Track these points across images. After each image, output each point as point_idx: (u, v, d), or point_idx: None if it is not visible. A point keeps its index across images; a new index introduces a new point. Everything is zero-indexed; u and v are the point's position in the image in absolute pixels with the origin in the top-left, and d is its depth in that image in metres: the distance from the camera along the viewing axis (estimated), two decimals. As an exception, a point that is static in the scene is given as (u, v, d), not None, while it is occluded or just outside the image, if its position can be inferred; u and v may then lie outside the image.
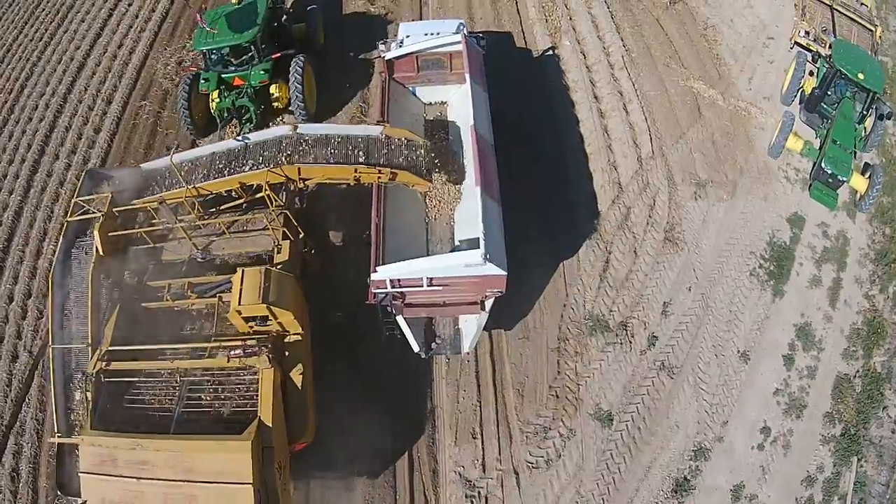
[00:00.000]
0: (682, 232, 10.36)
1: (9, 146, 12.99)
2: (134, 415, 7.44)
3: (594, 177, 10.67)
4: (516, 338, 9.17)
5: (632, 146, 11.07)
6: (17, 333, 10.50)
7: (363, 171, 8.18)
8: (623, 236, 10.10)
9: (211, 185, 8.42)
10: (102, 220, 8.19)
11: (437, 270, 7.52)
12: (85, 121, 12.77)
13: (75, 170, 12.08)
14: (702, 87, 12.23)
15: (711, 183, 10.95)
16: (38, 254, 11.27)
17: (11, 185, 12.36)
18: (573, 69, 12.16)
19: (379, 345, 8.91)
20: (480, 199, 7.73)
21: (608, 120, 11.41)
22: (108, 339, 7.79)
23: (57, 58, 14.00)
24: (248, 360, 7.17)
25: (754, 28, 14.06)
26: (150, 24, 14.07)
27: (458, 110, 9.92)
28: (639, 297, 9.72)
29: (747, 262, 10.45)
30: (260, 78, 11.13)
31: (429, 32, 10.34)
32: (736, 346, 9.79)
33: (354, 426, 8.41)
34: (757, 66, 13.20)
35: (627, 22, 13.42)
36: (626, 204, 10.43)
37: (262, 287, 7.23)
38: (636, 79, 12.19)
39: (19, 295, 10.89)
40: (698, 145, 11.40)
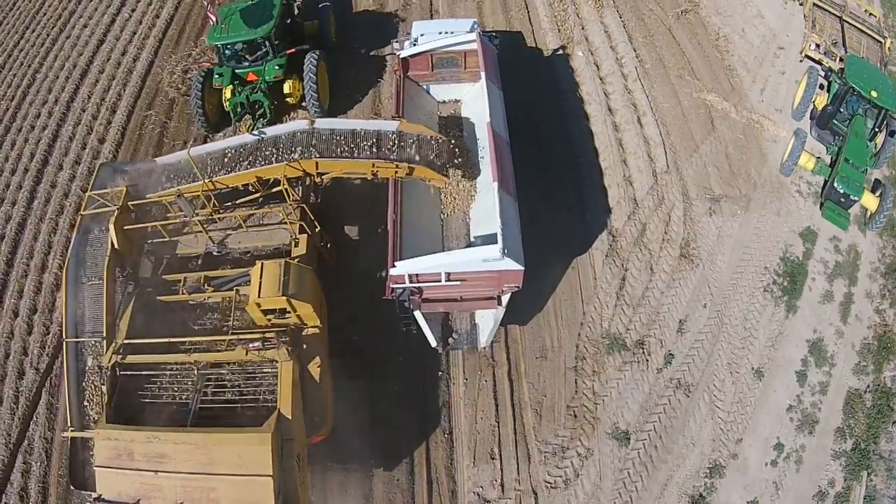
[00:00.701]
0: (697, 248, 10.33)
1: (11, 155, 12.73)
2: (149, 408, 7.41)
3: (609, 192, 10.61)
4: (534, 357, 9.13)
5: (647, 160, 11.01)
6: (23, 350, 10.32)
7: (380, 166, 8.24)
8: (639, 253, 10.06)
9: (228, 178, 8.47)
10: (118, 214, 8.17)
11: (455, 265, 7.58)
12: (89, 130, 12.51)
13: (80, 181, 11.84)
14: (715, 100, 12.18)
15: (726, 198, 10.92)
16: (44, 268, 11.07)
17: (14, 196, 12.12)
18: (587, 80, 12.05)
19: (395, 366, 8.87)
20: (497, 195, 7.77)
21: (623, 133, 11.33)
22: (122, 332, 7.81)
23: (59, 64, 13.69)
24: (268, 352, 7.18)
25: (765, 38, 14.00)
26: (155, 31, 13.77)
27: (472, 108, 10.01)
28: (655, 315, 9.70)
29: (761, 277, 10.46)
30: (274, 73, 11.14)
31: (443, 31, 10.42)
32: (750, 362, 9.82)
33: (371, 448, 8.40)
34: (768, 77, 13.16)
35: (639, 32, 13.31)
36: (642, 220, 10.39)
37: (281, 280, 7.24)
38: (649, 91, 12.11)
39: (24, 310, 10.69)
40: (712, 159, 11.36)
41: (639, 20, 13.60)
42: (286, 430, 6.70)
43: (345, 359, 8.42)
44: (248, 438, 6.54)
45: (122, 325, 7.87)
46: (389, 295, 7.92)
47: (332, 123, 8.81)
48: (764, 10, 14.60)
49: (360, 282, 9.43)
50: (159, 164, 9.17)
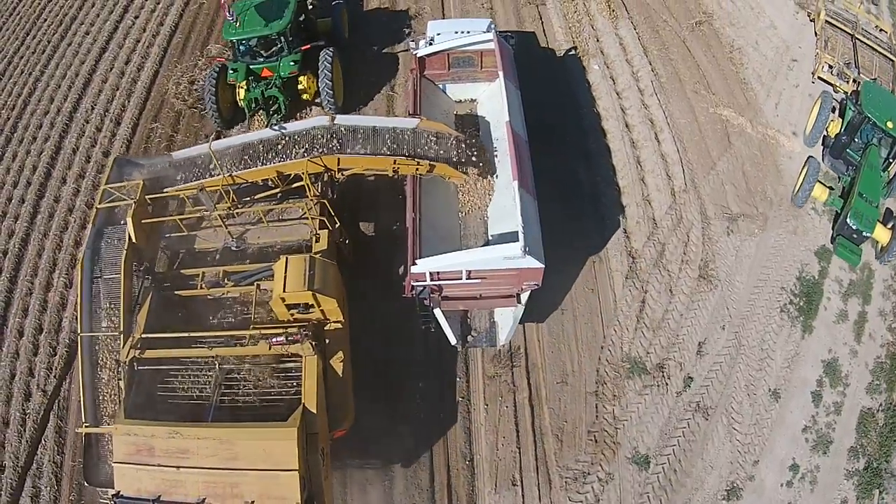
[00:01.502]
0: (715, 269, 10.28)
1: (13, 167, 12.35)
2: (167, 403, 7.33)
3: (628, 211, 10.51)
4: (555, 382, 9.06)
5: (665, 178, 10.91)
6: (30, 370, 10.09)
7: (402, 163, 8.28)
8: (658, 275, 9.99)
9: (249, 173, 8.41)
10: (135, 208, 8.07)
11: (476, 263, 7.60)
12: (93, 142, 12.16)
13: (84, 196, 11.53)
14: (731, 115, 12.08)
15: (743, 217, 10.86)
16: (48, 286, 10.80)
17: (17, 210, 11.80)
18: (604, 95, 11.91)
19: (417, 393, 8.77)
20: (518, 194, 7.80)
21: (640, 150, 11.22)
22: (140, 326, 7.74)
23: (61, 72, 13.29)
24: (291, 347, 7.14)
25: (778, 50, 13.91)
26: (159, 39, 13.37)
27: (489, 107, 10.05)
28: (674, 338, 9.66)
29: (778, 298, 10.44)
30: (290, 69, 11.09)
31: (459, 31, 10.42)
32: (767, 384, 9.82)
33: (391, 475, 8.32)
34: (783, 90, 13.08)
35: (654, 44, 13.15)
36: (661, 240, 10.30)
37: (306, 274, 7.21)
38: (666, 106, 11.98)
39: (30, 329, 10.44)
40: (729, 176, 11.29)
41: (653, 32, 13.43)
42: (311, 424, 6.70)
43: (364, 380, 8.27)
44: (274, 433, 6.51)
45: (140, 320, 7.80)
46: (409, 293, 7.91)
47: (353, 120, 8.84)
48: (776, 20, 14.50)
49: (379, 280, 9.36)
50: (175, 158, 9.09)
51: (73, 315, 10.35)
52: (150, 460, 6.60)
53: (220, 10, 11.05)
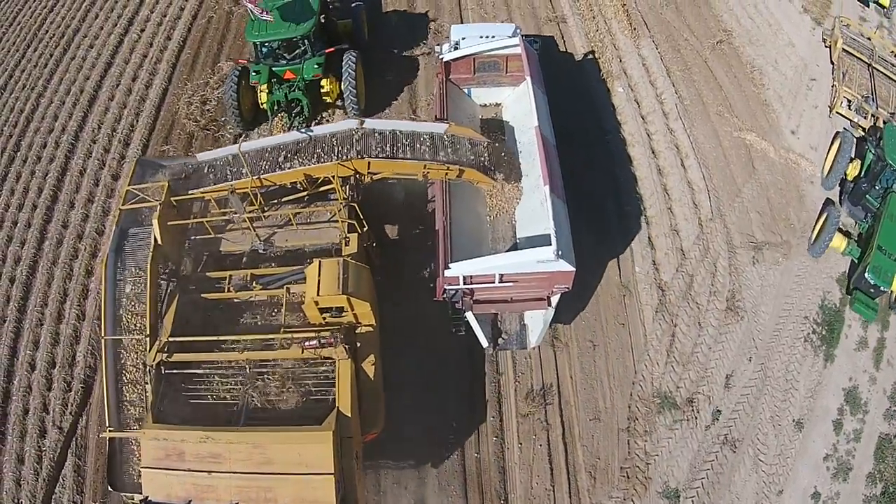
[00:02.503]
0: (742, 300, 10.28)
1: (17, 188, 11.83)
2: (195, 407, 7.26)
3: (656, 243, 10.42)
4: (587, 419, 9.01)
5: (692, 207, 10.83)
6: (44, 406, 9.77)
7: (432, 168, 8.31)
8: (687, 307, 9.96)
9: (278, 176, 8.35)
10: (161, 210, 7.95)
11: (509, 267, 7.67)
12: (101, 164, 11.69)
13: (94, 222, 11.10)
14: (754, 139, 12.01)
15: (768, 245, 10.85)
16: (60, 317, 10.42)
17: (23, 235, 11.33)
18: (629, 120, 11.75)
19: (450, 432, 8.68)
20: (550, 199, 7.91)
21: (667, 178, 11.11)
22: (167, 329, 7.63)
23: (65, 88, 12.70)
24: (324, 351, 7.11)
25: (797, 69, 13.84)
26: (167, 55, 12.80)
27: (513, 111, 10.09)
28: (703, 372, 9.66)
29: (802, 327, 10.49)
30: (313, 72, 11.04)
31: (484, 35, 10.47)
32: (791, 414, 9.90)
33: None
34: (803, 111, 13.03)
35: (676, 64, 12.99)
36: (689, 272, 10.25)
37: (340, 278, 7.16)
38: (690, 130, 11.86)
39: (42, 363, 10.09)
40: (754, 203, 11.25)
41: (675, 51, 13.26)
42: (345, 427, 6.67)
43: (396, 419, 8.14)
44: (310, 437, 6.48)
45: (167, 323, 7.70)
46: (440, 296, 7.97)
47: (382, 124, 8.78)
48: (794, 37, 14.43)
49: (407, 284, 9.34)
50: (200, 160, 8.98)
51: (87, 349, 10.05)
52: (180, 465, 6.55)
53: (248, 10, 10.65)
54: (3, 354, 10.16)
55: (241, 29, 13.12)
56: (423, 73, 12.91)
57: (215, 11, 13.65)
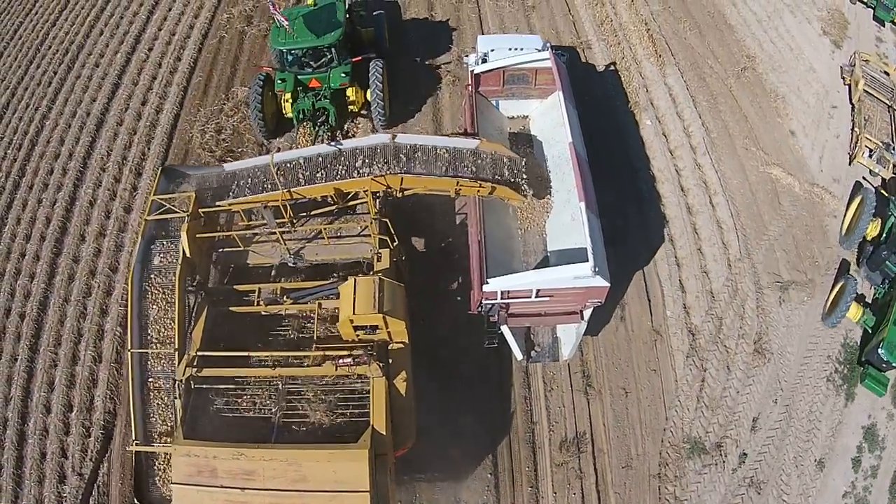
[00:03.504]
0: (769, 341, 10.30)
1: (24, 217, 11.30)
2: (226, 422, 7.22)
3: (687, 285, 10.36)
4: (620, 467, 9.03)
5: (721, 247, 10.76)
6: (62, 451, 9.51)
7: (464, 184, 8.32)
8: (717, 351, 9.95)
9: (309, 189, 8.27)
10: (189, 221, 7.83)
11: (547, 282, 7.81)
12: (112, 195, 11.20)
13: (107, 258, 10.66)
14: (780, 174, 11.93)
15: (794, 284, 10.86)
16: (75, 359, 10.08)
17: (32, 268, 10.89)
18: (658, 155, 11.58)
19: (487, 484, 8.62)
20: (585, 215, 8.02)
21: (696, 217, 11.00)
22: (196, 343, 7.57)
23: (70, 109, 12.08)
24: (358, 368, 7.11)
25: (818, 96, 13.75)
26: (178, 77, 12.19)
27: (542, 124, 10.22)
28: (731, 415, 9.70)
29: (825, 367, 10.57)
30: (340, 80, 10.90)
31: (512, 47, 10.49)
32: (813, 454, 10.02)
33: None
34: (826, 142, 12.98)
35: (702, 94, 12.81)
36: (718, 315, 10.23)
37: (376, 296, 7.14)
38: (718, 165, 11.74)
39: (58, 406, 9.78)
40: (780, 242, 11.22)
41: (700, 80, 13.06)
42: (379, 444, 6.69)
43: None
44: (345, 454, 6.48)
45: (196, 337, 7.64)
46: (475, 310, 8.21)
47: (414, 139, 8.69)
48: (815, 62, 14.32)
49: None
50: (228, 170, 8.83)
51: (105, 394, 9.75)
52: (212, 481, 6.52)
53: (271, 10, 10.40)
54: (16, 395, 9.85)
55: (254, 51, 12.59)
56: (446, 82, 12.69)
57: (227, 31, 13.04)
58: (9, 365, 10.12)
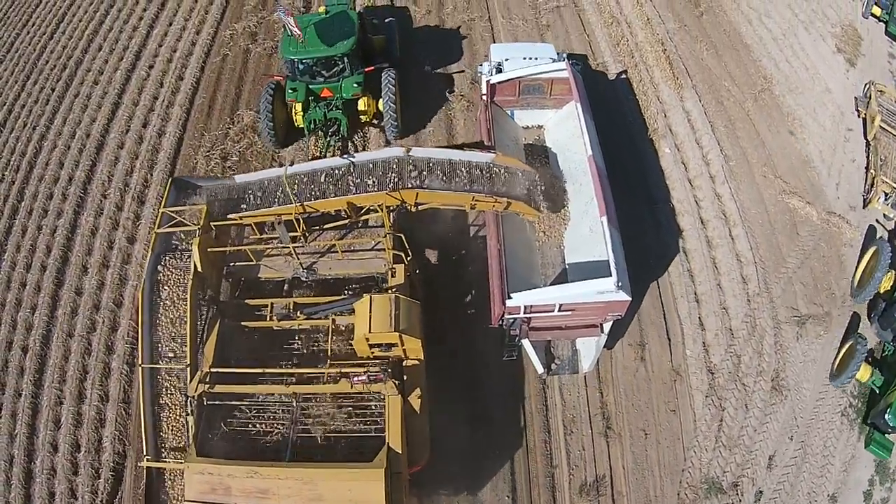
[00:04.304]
0: (786, 377, 10.24)
1: (23, 244, 10.86)
2: (238, 439, 7.19)
3: (706, 323, 10.22)
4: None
5: (740, 282, 10.62)
6: (71, 492, 9.29)
7: (480, 199, 8.26)
8: (735, 390, 9.87)
9: (322, 203, 8.17)
10: (200, 235, 7.71)
11: (570, 297, 7.84)
12: (114, 224, 10.80)
13: (112, 291, 10.29)
14: (798, 204, 11.77)
15: (811, 318, 10.77)
16: (81, 397, 9.79)
17: (34, 300, 10.51)
18: (677, 185, 11.37)
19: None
20: (608, 230, 8.02)
21: (716, 251, 10.84)
22: (208, 359, 7.49)
23: (69, 130, 11.56)
24: (374, 386, 7.06)
25: (834, 118, 13.58)
26: (180, 98, 11.68)
27: (557, 134, 10.21)
28: (748, 454, 9.66)
29: (839, 401, 10.53)
30: (353, 91, 10.71)
31: (527, 56, 10.40)
32: (827, 489, 10.02)
33: None
34: (842, 166, 12.83)
35: (721, 119, 12.57)
36: (737, 352, 10.13)
37: (392, 314, 7.11)
38: (737, 194, 11.56)
39: (65, 445, 9.53)
40: (798, 274, 11.11)
41: (718, 104, 12.82)
42: (395, 463, 6.66)
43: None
44: (362, 473, 6.46)
45: (208, 352, 7.55)
46: (496, 324, 8.28)
47: (429, 153, 8.57)
48: (830, 82, 14.13)
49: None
50: (239, 182, 8.68)
51: (114, 434, 9.50)
52: (226, 499, 6.51)
53: (283, 19, 10.06)
54: (22, 431, 9.59)
55: (259, 71, 12.12)
56: (459, 90, 12.42)
57: (230, 49, 12.52)
58: (13, 400, 9.84)
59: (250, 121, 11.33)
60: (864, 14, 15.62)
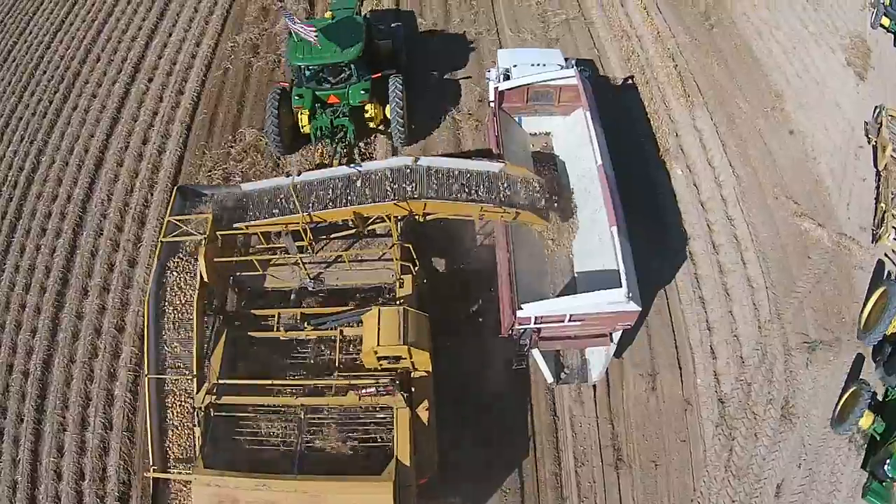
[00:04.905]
0: (795, 405, 10.17)
1: (22, 264, 10.61)
2: (246, 450, 7.17)
3: (718, 351, 10.13)
4: (647, 544, 8.99)
5: (752, 309, 10.52)
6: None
7: (488, 210, 8.25)
8: (745, 419, 9.81)
9: (329, 213, 8.13)
10: (207, 245, 7.66)
11: (581, 308, 7.87)
12: (114, 245, 10.55)
13: (113, 316, 10.08)
14: (809, 226, 11.64)
15: (821, 344, 10.70)
16: (84, 424, 9.64)
17: (34, 323, 10.32)
18: (690, 209, 11.20)
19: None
20: (618, 240, 8.03)
21: (728, 276, 10.71)
22: (215, 370, 7.46)
23: (67, 145, 11.24)
24: (382, 399, 7.06)
25: (844, 134, 13.42)
26: (180, 114, 11.36)
27: (565, 141, 10.21)
28: (757, 483, 9.60)
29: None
30: (360, 97, 10.62)
31: (535, 63, 10.41)
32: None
33: None
34: (853, 186, 12.69)
35: (732, 138, 12.39)
36: (748, 380, 10.06)
37: (401, 328, 7.11)
38: (748, 217, 11.42)
39: (69, 473, 9.40)
40: (809, 299, 11.01)
41: (730, 122, 12.62)
42: (403, 476, 6.67)
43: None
44: (370, 486, 6.46)
45: (215, 363, 7.52)
46: (506, 334, 8.32)
47: (437, 162, 8.52)
48: (839, 96, 13.96)
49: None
50: (245, 190, 8.64)
51: (118, 464, 9.35)
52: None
53: (292, 24, 9.92)
54: (24, 458, 9.45)
55: (261, 86, 11.81)
56: (465, 96, 12.25)
57: (231, 63, 12.17)
58: (14, 425, 9.69)
59: (253, 139, 11.07)
60: (873, 25, 15.38)
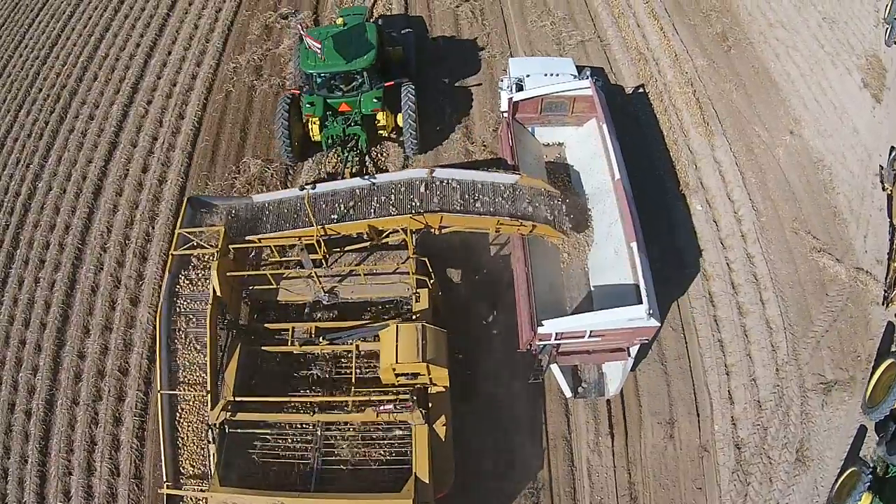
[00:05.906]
0: (809, 448, 10.11)
1: (21, 298, 10.18)
2: (261, 467, 7.13)
3: (735, 395, 10.00)
4: (663, 590, 8.94)
5: (770, 351, 10.37)
6: (82, 568, 8.99)
7: (504, 223, 8.18)
8: (761, 463, 9.74)
9: (344, 226, 8.03)
10: (219, 259, 7.56)
11: (601, 324, 7.87)
12: (115, 282, 10.14)
13: (116, 358, 9.69)
14: (827, 262, 11.46)
15: (836, 384, 10.61)
16: (90, 469, 9.37)
17: (35, 360, 9.95)
18: (709, 247, 10.96)
19: None
20: (637, 256, 8.03)
21: (746, 318, 10.53)
22: (230, 386, 7.39)
23: (64, 170, 10.78)
24: (400, 415, 7.02)
25: (862, 162, 13.18)
26: (181, 140, 10.85)
27: (578, 152, 10.16)
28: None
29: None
30: (372, 106, 10.48)
31: (547, 72, 10.33)
32: (844, 557, 10.12)
33: None
34: (870, 217, 12.49)
35: (751, 168, 12.11)
36: (764, 425, 9.96)
37: (420, 344, 7.08)
38: (767, 254, 11.20)
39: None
40: (826, 339, 10.88)
41: (748, 151, 12.33)
42: (422, 493, 6.68)
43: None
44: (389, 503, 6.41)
45: (229, 379, 7.43)
46: (524, 348, 8.32)
47: (453, 174, 8.41)
48: (856, 121, 13.68)
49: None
50: (257, 201, 8.53)
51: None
52: None
53: (301, 33, 9.74)
54: (30, 500, 9.20)
55: (265, 112, 11.31)
56: (477, 104, 12.00)
57: (234, 85, 11.65)
58: (19, 466, 9.43)
59: (258, 170, 10.64)
60: (888, 42, 15.05)
